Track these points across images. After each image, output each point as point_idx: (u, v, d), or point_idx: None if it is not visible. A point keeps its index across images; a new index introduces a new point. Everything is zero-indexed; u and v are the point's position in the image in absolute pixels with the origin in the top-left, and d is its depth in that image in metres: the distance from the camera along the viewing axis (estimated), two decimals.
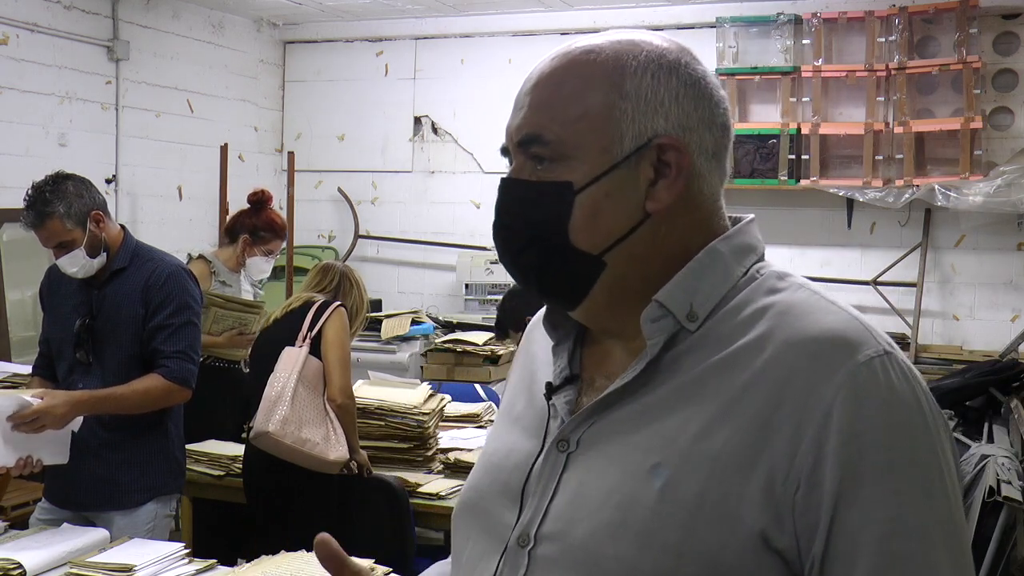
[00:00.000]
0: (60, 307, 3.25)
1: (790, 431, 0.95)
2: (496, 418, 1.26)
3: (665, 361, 1.04)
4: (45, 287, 3.34)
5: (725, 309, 1.04)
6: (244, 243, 4.69)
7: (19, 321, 5.52)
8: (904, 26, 5.94)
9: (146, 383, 3.11)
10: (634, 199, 1.05)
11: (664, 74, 1.06)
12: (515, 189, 1.09)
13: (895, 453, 0.94)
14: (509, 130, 1.10)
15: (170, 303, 3.16)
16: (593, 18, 6.66)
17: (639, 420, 1.03)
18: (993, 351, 5.78)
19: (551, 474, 1.06)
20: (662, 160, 1.05)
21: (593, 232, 1.05)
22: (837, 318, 1.00)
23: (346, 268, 3.82)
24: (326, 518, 3.48)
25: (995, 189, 5.64)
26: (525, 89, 1.10)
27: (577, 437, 1.06)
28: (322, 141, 7.48)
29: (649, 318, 1.04)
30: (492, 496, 1.12)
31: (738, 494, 0.96)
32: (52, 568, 2.60)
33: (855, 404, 0.94)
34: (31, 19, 5.64)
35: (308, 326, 3.52)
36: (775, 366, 0.98)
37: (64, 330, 3.20)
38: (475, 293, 6.73)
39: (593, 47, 1.08)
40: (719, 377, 1.00)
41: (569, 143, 1.05)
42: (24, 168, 5.58)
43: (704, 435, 0.98)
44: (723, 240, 1.07)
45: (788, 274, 1.08)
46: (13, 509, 4.01)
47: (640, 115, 1.05)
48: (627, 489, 1.00)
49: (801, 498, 0.95)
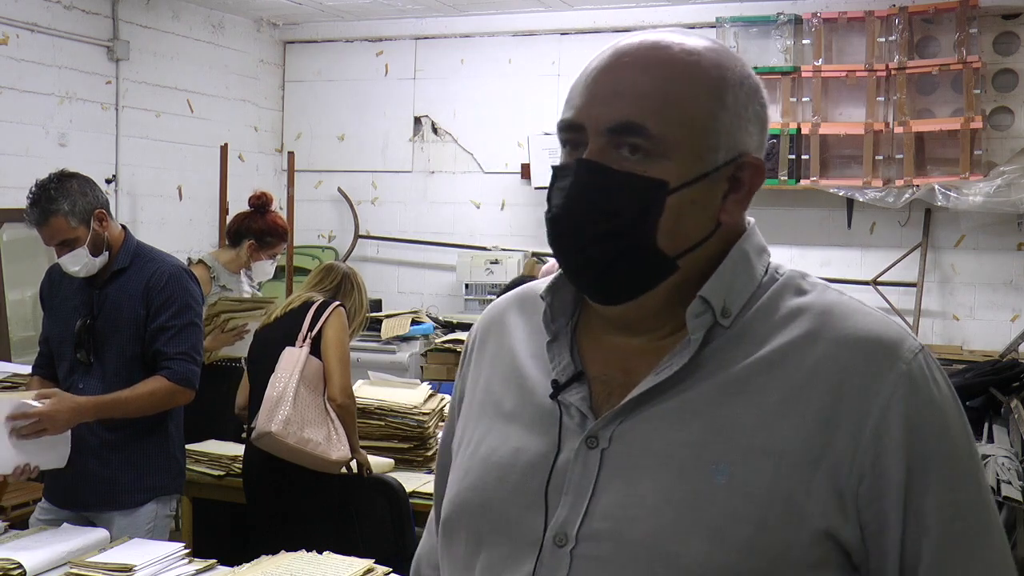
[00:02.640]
0: (61, 307, 3.24)
1: (851, 426, 0.99)
2: (472, 413, 1.19)
3: (702, 357, 1.05)
4: (46, 287, 3.34)
5: (756, 307, 1.07)
6: (251, 248, 4.68)
7: (19, 321, 5.52)
8: (904, 26, 5.94)
9: (150, 386, 3.11)
10: (712, 209, 1.07)
11: (751, 93, 1.08)
12: (600, 175, 1.05)
13: (950, 442, 1.01)
14: (590, 111, 1.06)
15: (172, 304, 3.16)
16: (593, 18, 6.66)
17: (681, 416, 1.03)
18: (993, 351, 5.78)
19: (585, 472, 1.04)
20: (736, 176, 1.07)
21: (675, 235, 1.05)
22: (876, 318, 1.06)
23: (349, 270, 3.82)
24: (326, 518, 3.48)
25: (995, 189, 5.64)
26: (612, 70, 1.07)
27: (609, 434, 1.05)
28: (322, 141, 7.48)
29: (694, 313, 1.05)
30: (504, 496, 1.09)
31: (805, 489, 0.98)
32: (52, 568, 2.60)
33: (911, 399, 1.00)
34: (31, 19, 5.64)
35: (308, 326, 3.52)
36: (829, 364, 1.01)
37: (64, 330, 3.20)
38: (475, 293, 6.74)
39: (692, 49, 1.07)
40: (767, 374, 1.03)
41: (670, 142, 1.03)
42: (24, 168, 5.58)
43: (764, 431, 1.00)
44: (746, 240, 1.10)
45: (806, 274, 1.12)
46: (13, 509, 4.01)
47: (734, 129, 1.06)
48: (688, 486, 1.00)
49: (866, 490, 0.99)
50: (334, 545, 2.79)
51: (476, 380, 1.22)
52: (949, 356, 5.83)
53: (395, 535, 3.46)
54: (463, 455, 1.17)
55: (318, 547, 2.74)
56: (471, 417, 1.19)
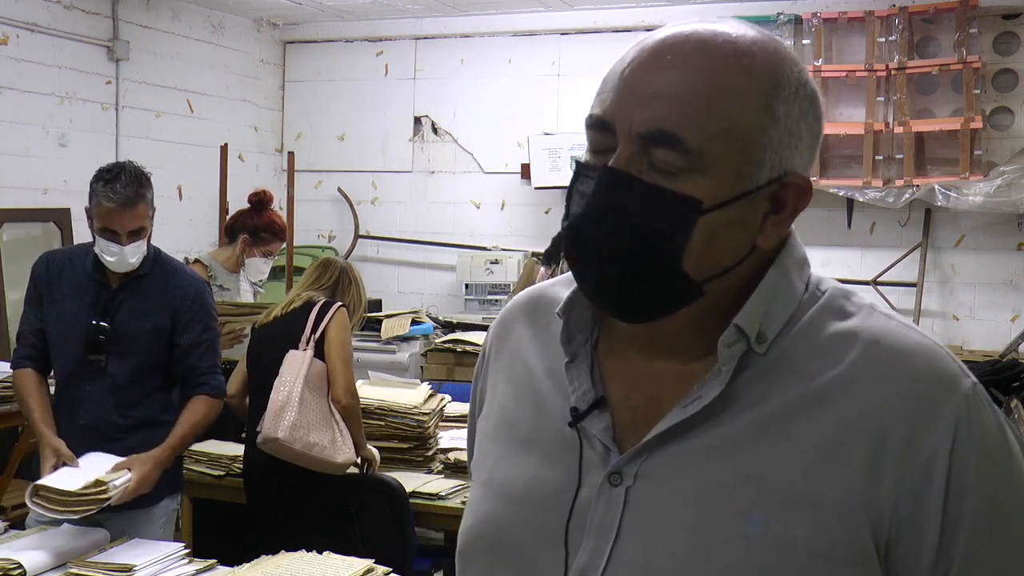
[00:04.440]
0: (63, 302, 3.16)
1: (893, 479, 0.92)
2: (488, 431, 1.12)
3: (735, 388, 0.96)
4: (43, 275, 3.22)
5: (794, 331, 0.98)
6: (243, 243, 4.68)
7: (19, 321, 5.51)
8: (904, 26, 5.94)
9: (200, 409, 3.15)
10: (750, 232, 0.97)
11: (807, 104, 0.97)
12: (628, 187, 0.94)
13: (995, 503, 0.93)
14: (622, 112, 0.94)
15: (200, 320, 3.19)
16: (593, 18, 6.66)
17: (712, 455, 0.95)
18: (993, 351, 5.78)
19: (607, 511, 0.96)
20: (778, 196, 0.97)
21: (704, 259, 0.94)
22: (928, 353, 0.96)
23: (346, 265, 3.82)
24: (326, 518, 3.48)
25: (995, 189, 5.64)
26: (649, 64, 0.95)
27: (634, 471, 0.96)
28: (322, 141, 7.48)
29: (726, 342, 0.95)
30: (520, 533, 1.01)
31: (846, 545, 0.91)
32: (52, 568, 2.60)
33: (955, 455, 0.92)
34: (31, 19, 5.64)
35: (311, 328, 3.51)
36: (873, 406, 0.93)
37: (70, 328, 3.13)
38: (475, 293, 6.73)
39: (745, 50, 0.95)
40: (807, 413, 0.94)
41: (708, 157, 0.92)
42: (24, 168, 5.59)
43: (803, 478, 0.92)
44: (787, 254, 1.00)
45: (851, 291, 1.02)
46: (13, 509, 4.00)
47: (783, 146, 0.95)
48: (719, 535, 0.92)
49: (903, 546, 0.92)
50: (334, 545, 2.79)
51: (493, 392, 1.14)
52: None
53: (395, 535, 3.46)
54: (479, 479, 1.10)
55: (318, 547, 2.74)
56: (487, 435, 1.12)
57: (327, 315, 3.53)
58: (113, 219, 3.02)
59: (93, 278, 3.14)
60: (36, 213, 5.62)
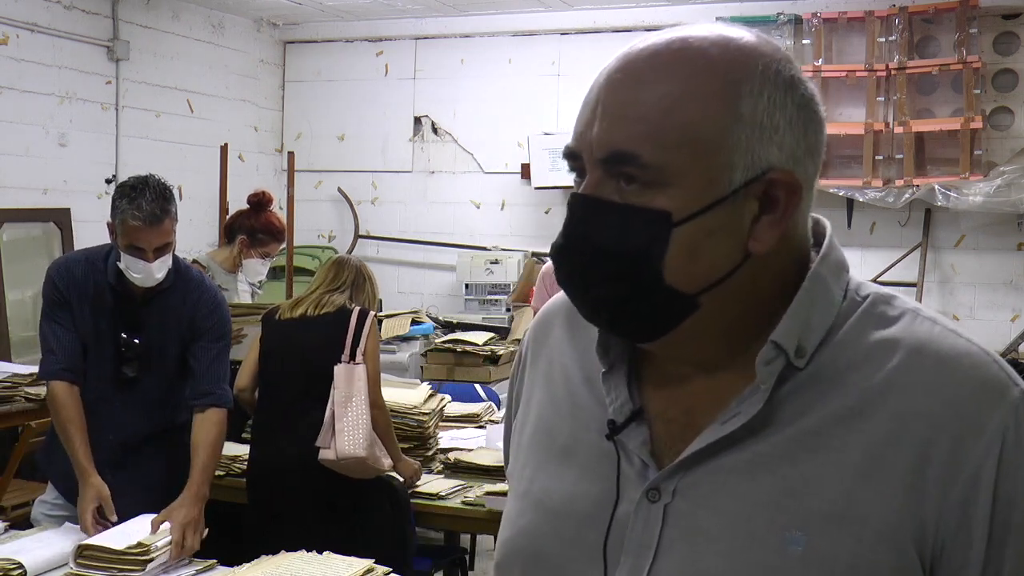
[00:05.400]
0: (90, 316, 3.09)
1: (938, 494, 0.89)
2: (524, 439, 1.09)
3: (774, 404, 0.93)
4: (64, 282, 3.09)
5: (834, 342, 0.94)
6: (241, 244, 4.67)
7: (19, 321, 5.52)
8: (904, 26, 5.94)
9: (212, 431, 3.10)
10: (737, 238, 0.92)
11: (780, 95, 0.92)
12: (596, 210, 0.93)
13: None
14: (585, 138, 0.94)
15: (215, 330, 3.17)
16: (593, 18, 6.66)
17: (752, 471, 0.92)
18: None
19: (647, 529, 0.94)
20: (768, 194, 0.92)
21: (689, 272, 0.92)
22: (973, 360, 0.92)
23: (360, 263, 3.80)
24: (326, 518, 3.48)
25: (995, 189, 5.65)
26: (608, 88, 0.94)
27: (672, 487, 0.94)
28: (322, 141, 7.48)
29: (764, 360, 0.92)
30: (560, 549, 1.00)
31: (889, 563, 0.89)
32: (52, 568, 2.59)
33: (1001, 467, 0.89)
34: (31, 19, 5.64)
35: (355, 338, 3.50)
36: (916, 418, 0.90)
37: (98, 343, 3.08)
38: (475, 293, 6.73)
39: (700, 51, 0.92)
40: (847, 427, 0.91)
41: (669, 169, 0.90)
42: (24, 168, 5.59)
43: (844, 495, 0.89)
44: (823, 262, 0.97)
45: (893, 296, 0.99)
46: (13, 509, 4.00)
47: (755, 143, 0.91)
48: (759, 554, 0.90)
49: (947, 562, 0.90)
50: (334, 545, 2.79)
51: (529, 397, 1.11)
52: None
53: (395, 535, 3.46)
54: (517, 490, 1.08)
55: (318, 547, 2.74)
56: (523, 443, 1.09)
57: (365, 325, 3.53)
58: (139, 237, 2.97)
59: (116, 291, 3.09)
60: (36, 213, 5.62)
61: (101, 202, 6.10)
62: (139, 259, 2.99)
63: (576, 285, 0.97)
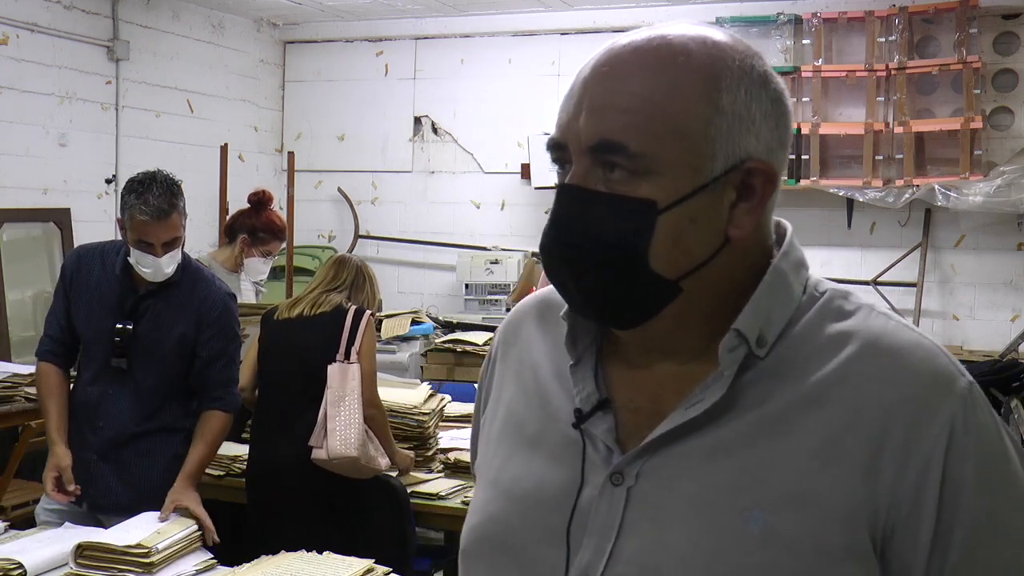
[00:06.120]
0: (92, 302, 3.12)
1: (891, 478, 0.93)
2: (493, 432, 1.13)
3: (736, 391, 0.97)
4: (72, 267, 3.17)
5: (793, 334, 0.99)
6: (242, 243, 4.67)
7: (19, 321, 5.51)
8: (904, 26, 5.94)
9: (214, 427, 3.14)
10: (717, 224, 0.97)
11: (756, 89, 0.98)
12: (584, 200, 0.97)
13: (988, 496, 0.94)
14: (572, 129, 0.98)
15: (224, 333, 3.18)
16: (593, 18, 6.66)
17: (713, 456, 0.96)
18: (993, 351, 5.78)
19: (609, 510, 0.98)
20: (745, 183, 0.98)
21: (673, 257, 0.96)
22: (924, 352, 0.97)
23: (361, 262, 3.80)
24: (326, 518, 3.48)
25: (995, 189, 5.65)
26: (593, 81, 0.98)
27: (635, 471, 0.98)
28: (322, 141, 7.48)
29: (727, 347, 0.97)
30: (525, 533, 1.03)
31: (843, 542, 0.93)
32: (52, 568, 2.59)
33: (950, 454, 0.93)
34: (31, 19, 5.64)
35: (350, 338, 3.50)
36: (872, 407, 0.94)
37: (96, 329, 3.11)
38: (475, 293, 6.73)
39: (682, 48, 0.97)
40: (805, 414, 0.95)
41: (656, 158, 0.95)
42: (24, 168, 5.59)
43: (802, 477, 0.94)
44: (783, 258, 1.02)
45: (849, 292, 1.03)
46: (13, 509, 4.00)
47: (734, 133, 0.96)
48: (719, 534, 0.94)
49: (898, 544, 0.94)
50: (334, 545, 2.79)
51: (499, 393, 1.15)
52: None
53: (395, 535, 3.46)
54: (484, 479, 1.12)
55: (318, 547, 2.74)
56: (492, 436, 1.13)
57: (361, 324, 3.52)
58: (148, 232, 3.00)
59: (121, 281, 3.11)
60: (36, 213, 5.62)
61: (101, 202, 6.11)
62: (148, 254, 3.01)
63: (563, 277, 1.00)
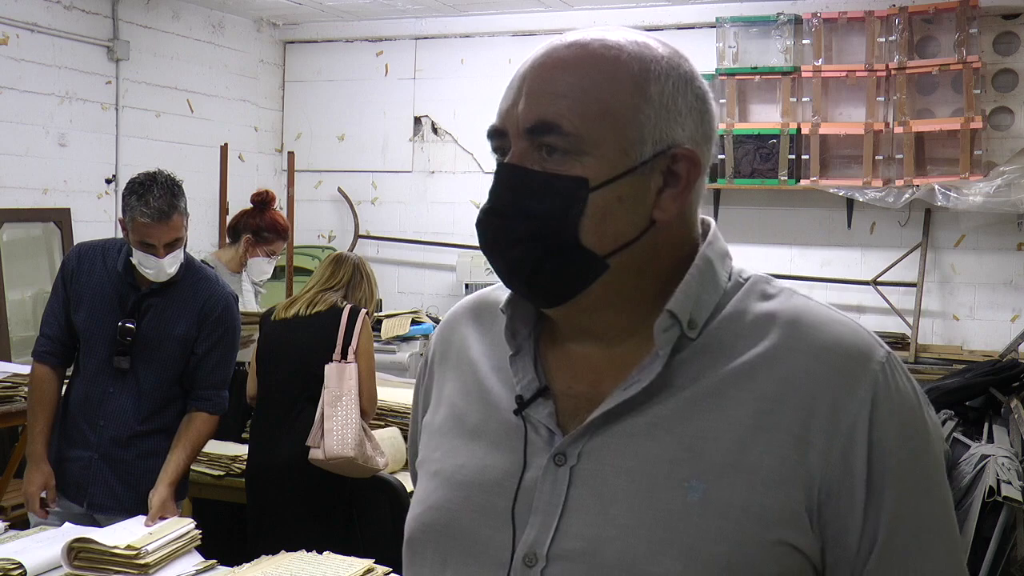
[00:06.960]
0: (91, 299, 3.12)
1: (822, 445, 0.99)
2: (438, 429, 1.16)
3: (670, 371, 1.03)
4: (73, 265, 3.17)
5: (721, 316, 1.05)
6: (247, 243, 4.68)
7: (19, 321, 5.52)
8: (904, 26, 5.94)
9: (200, 429, 3.14)
10: (643, 206, 1.03)
11: (682, 84, 1.05)
12: (520, 178, 1.04)
13: (909, 454, 1.01)
14: (511, 115, 1.05)
15: (221, 333, 3.18)
16: (593, 18, 6.66)
17: (652, 432, 1.01)
18: (993, 351, 5.78)
19: (554, 490, 1.02)
20: (671, 170, 1.04)
21: (601, 234, 1.02)
22: (844, 328, 1.04)
23: (358, 260, 3.80)
24: (326, 518, 3.48)
25: (995, 189, 5.64)
26: (532, 72, 1.06)
27: (577, 451, 1.03)
28: (322, 141, 7.48)
29: (661, 328, 1.02)
30: (470, 517, 1.06)
31: (779, 507, 0.98)
32: (52, 568, 2.59)
33: (875, 415, 0.99)
34: (31, 19, 5.64)
35: (347, 337, 3.49)
36: (800, 378, 1.00)
37: (97, 327, 3.10)
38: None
39: (613, 44, 1.05)
40: (737, 387, 1.01)
41: (588, 138, 1.01)
42: (24, 168, 5.59)
43: (737, 447, 0.99)
44: (709, 247, 1.08)
45: (771, 278, 1.10)
46: (13, 509, 4.00)
47: (661, 122, 1.03)
48: (661, 504, 0.99)
49: (833, 507, 0.99)
50: (334, 545, 2.79)
51: (440, 393, 1.19)
52: (949, 356, 5.83)
53: (395, 535, 3.45)
54: (426, 472, 1.14)
55: (318, 547, 2.74)
56: (435, 430, 1.17)
57: (356, 324, 3.52)
58: (149, 233, 3.01)
59: (123, 279, 3.11)
60: (36, 213, 5.62)
61: (101, 202, 6.11)
62: (151, 255, 3.01)
63: (497, 249, 1.05)
